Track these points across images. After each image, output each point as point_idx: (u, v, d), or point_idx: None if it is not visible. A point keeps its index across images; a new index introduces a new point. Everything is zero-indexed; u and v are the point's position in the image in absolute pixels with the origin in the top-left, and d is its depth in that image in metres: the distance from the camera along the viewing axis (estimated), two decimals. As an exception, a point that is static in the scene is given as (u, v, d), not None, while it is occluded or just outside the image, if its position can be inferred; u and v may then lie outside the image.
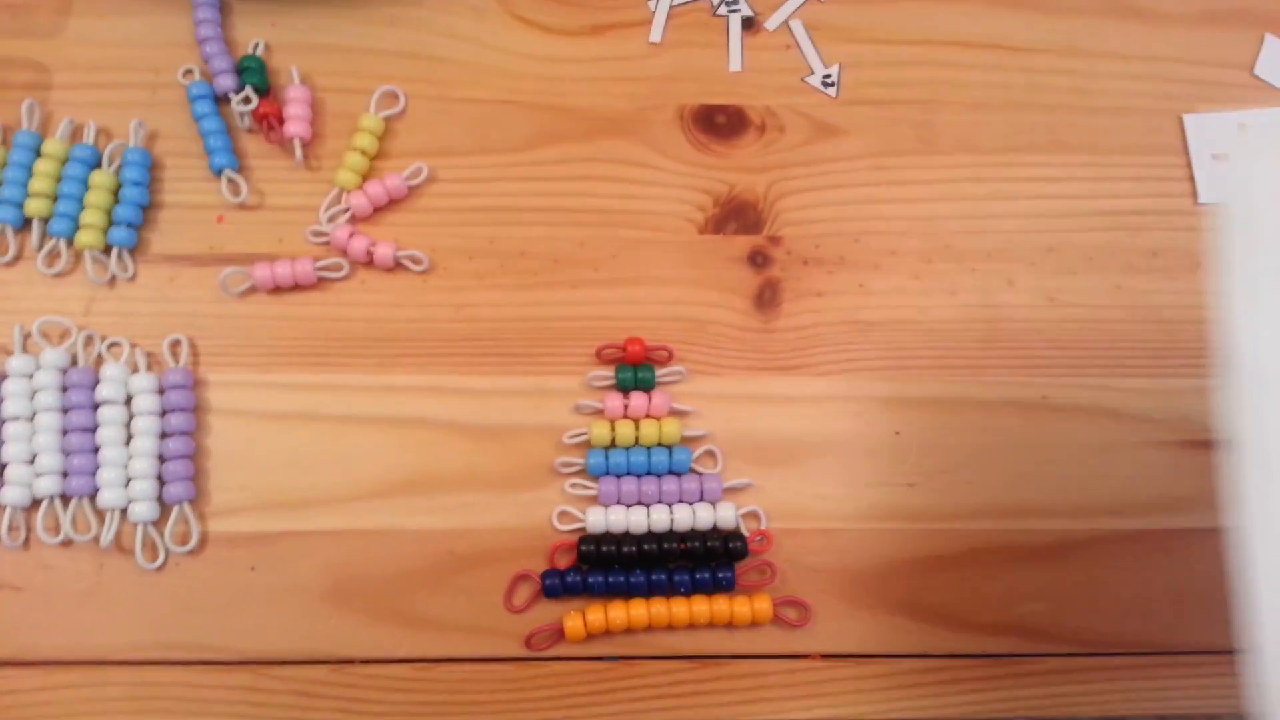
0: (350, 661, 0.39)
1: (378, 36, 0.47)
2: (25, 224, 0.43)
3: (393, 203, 0.44)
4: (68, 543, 0.40)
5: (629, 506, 0.40)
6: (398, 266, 0.43)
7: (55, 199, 0.43)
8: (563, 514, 0.41)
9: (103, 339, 0.42)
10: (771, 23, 0.48)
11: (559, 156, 0.45)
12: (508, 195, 0.45)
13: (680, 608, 0.39)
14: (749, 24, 0.48)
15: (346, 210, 0.44)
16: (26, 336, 0.42)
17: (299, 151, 0.44)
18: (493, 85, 0.46)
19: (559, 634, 0.39)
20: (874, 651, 0.40)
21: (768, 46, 0.47)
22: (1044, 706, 0.40)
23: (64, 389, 0.41)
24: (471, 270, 0.44)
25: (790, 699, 0.40)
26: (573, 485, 0.41)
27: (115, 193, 0.43)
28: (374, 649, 0.39)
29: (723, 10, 0.48)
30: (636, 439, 0.41)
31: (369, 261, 0.43)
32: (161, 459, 0.40)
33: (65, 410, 0.40)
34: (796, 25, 0.43)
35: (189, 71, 0.45)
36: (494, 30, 0.47)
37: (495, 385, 0.42)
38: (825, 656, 0.40)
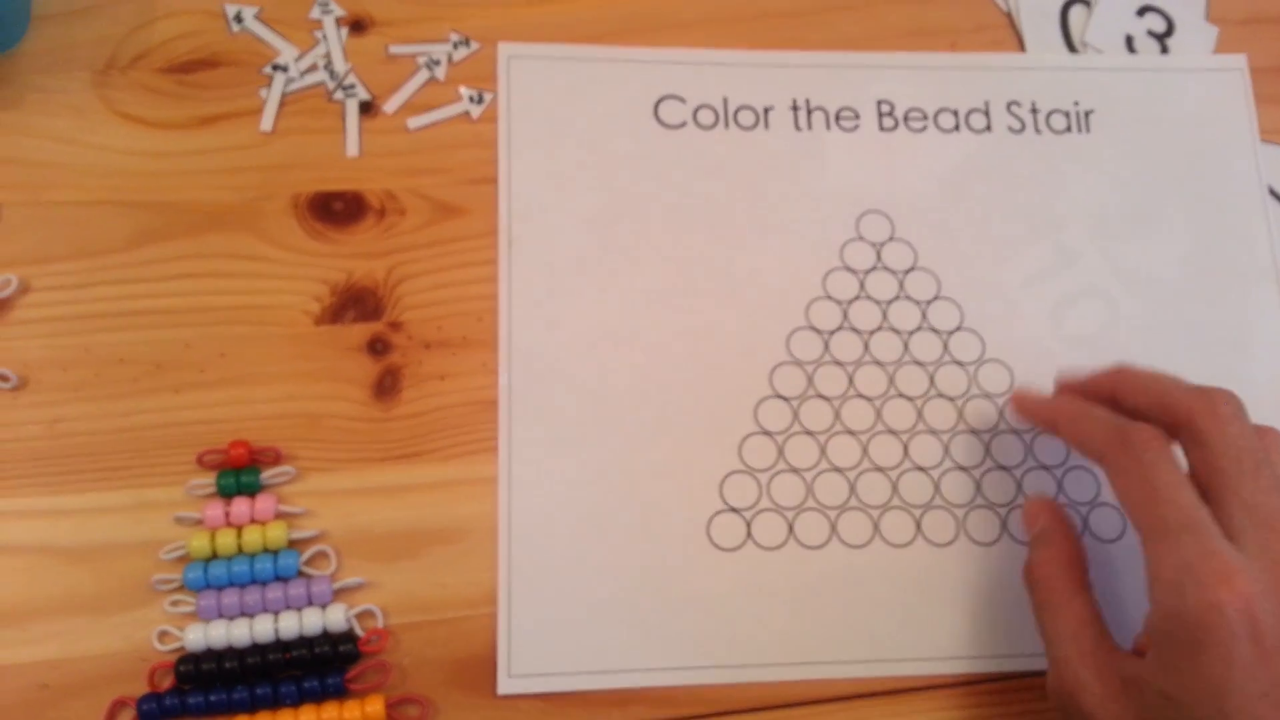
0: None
1: (-37, 144, 0.44)
2: None
3: (-20, 318, 0.42)
4: None
5: (231, 619, 0.39)
6: (-18, 387, 0.41)
7: None
8: (163, 634, 0.39)
9: None
10: (390, 105, 0.47)
11: (163, 255, 0.44)
12: (106, 300, 0.43)
13: (286, 720, 0.38)
14: (367, 108, 0.47)
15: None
16: None
17: None
18: (94, 186, 0.45)
19: (157, 763, 0.37)
20: (499, 739, 0.40)
21: (387, 129, 0.47)
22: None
23: None
24: (67, 382, 0.42)
25: (411, 799, 0.39)
26: (173, 603, 0.39)
27: None
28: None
29: (339, 95, 0.47)
30: (240, 547, 0.40)
31: (-52, 384, 0.41)
32: None
33: None
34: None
35: None
36: (95, 129, 0.45)
37: (91, 503, 0.41)
38: (448, 751, 0.40)
